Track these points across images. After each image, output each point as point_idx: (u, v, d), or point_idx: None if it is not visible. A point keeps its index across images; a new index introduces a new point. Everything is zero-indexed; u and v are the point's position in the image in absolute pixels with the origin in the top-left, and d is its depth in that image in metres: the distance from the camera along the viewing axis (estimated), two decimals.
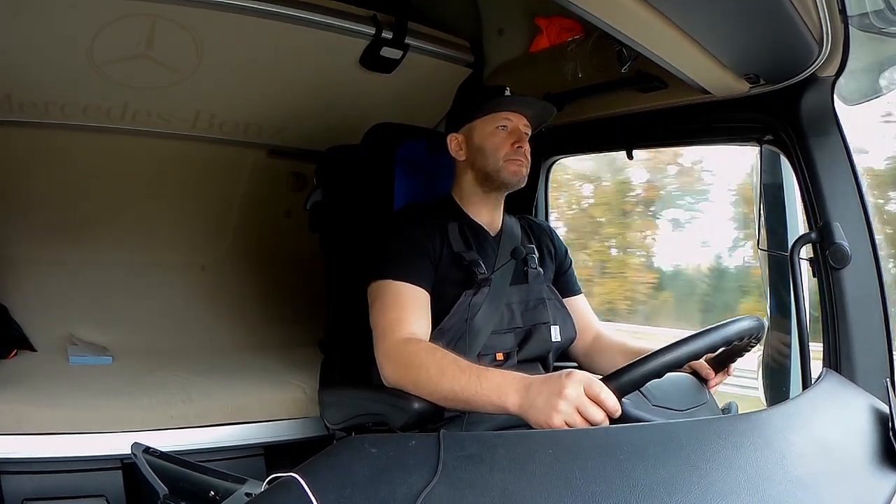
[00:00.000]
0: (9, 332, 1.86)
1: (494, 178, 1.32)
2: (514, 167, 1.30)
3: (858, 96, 1.28)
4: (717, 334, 0.94)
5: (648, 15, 0.95)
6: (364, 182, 1.49)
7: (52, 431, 1.42)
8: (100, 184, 2.03)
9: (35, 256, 2.01)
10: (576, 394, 0.86)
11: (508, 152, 1.30)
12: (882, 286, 1.17)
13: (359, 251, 1.36)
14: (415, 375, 1.08)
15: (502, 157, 1.30)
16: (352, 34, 1.71)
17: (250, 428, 1.65)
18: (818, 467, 0.77)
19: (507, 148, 1.30)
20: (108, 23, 1.50)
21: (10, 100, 1.70)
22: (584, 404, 0.86)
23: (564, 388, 0.87)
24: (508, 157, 1.30)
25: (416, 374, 1.08)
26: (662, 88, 1.44)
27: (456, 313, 1.24)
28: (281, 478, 0.59)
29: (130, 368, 1.81)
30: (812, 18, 1.00)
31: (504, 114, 1.32)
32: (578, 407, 0.86)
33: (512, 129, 1.32)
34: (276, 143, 2.14)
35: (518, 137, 1.31)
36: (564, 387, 0.87)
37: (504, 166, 1.30)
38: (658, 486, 0.64)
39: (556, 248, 1.47)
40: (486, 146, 1.32)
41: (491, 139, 1.31)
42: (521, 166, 1.31)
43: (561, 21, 1.74)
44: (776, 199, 1.44)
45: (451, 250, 1.27)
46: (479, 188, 1.35)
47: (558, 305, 1.37)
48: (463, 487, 0.60)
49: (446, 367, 1.04)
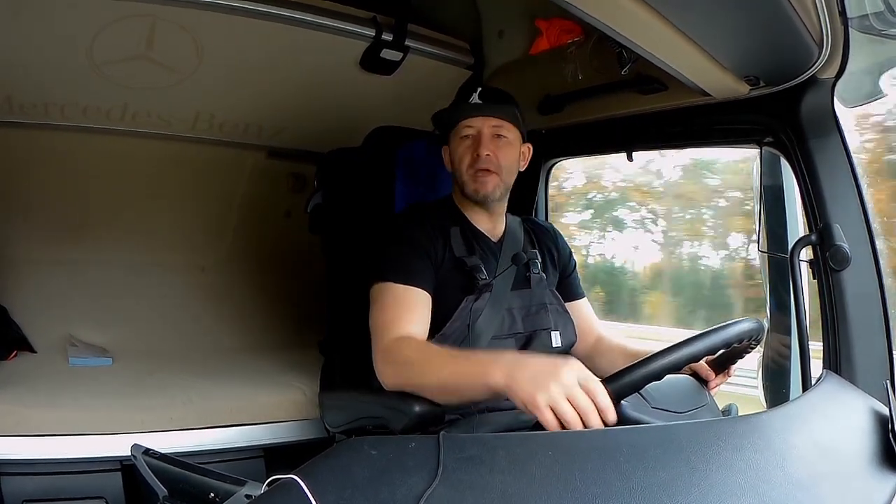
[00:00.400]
0: (8, 333, 1.86)
1: (469, 194, 1.29)
2: (475, 184, 1.26)
3: (858, 98, 1.29)
4: (717, 336, 0.94)
5: (648, 17, 0.95)
6: (365, 184, 1.49)
7: (51, 433, 1.42)
8: (100, 185, 2.04)
9: (35, 257, 2.01)
10: (569, 379, 0.81)
11: (470, 163, 1.27)
12: (882, 288, 1.17)
13: (359, 253, 1.36)
14: (406, 371, 1.08)
15: (465, 171, 1.27)
16: (352, 36, 1.71)
17: (250, 430, 1.65)
18: (818, 469, 0.77)
19: (469, 159, 1.27)
20: (107, 23, 1.50)
21: (11, 101, 1.70)
22: (574, 394, 0.80)
23: (559, 370, 0.82)
24: (470, 169, 1.27)
25: (407, 370, 1.07)
26: (662, 90, 1.44)
27: (457, 319, 1.23)
28: (281, 479, 0.59)
29: (130, 370, 1.81)
30: (812, 20, 1.00)
31: (465, 121, 1.28)
32: (569, 395, 0.80)
33: (474, 137, 1.27)
34: (276, 145, 2.14)
35: (478, 144, 1.26)
36: (559, 368, 0.82)
37: (467, 182, 1.27)
38: (658, 488, 0.64)
39: (560, 251, 1.46)
40: (454, 160, 1.30)
41: (457, 151, 1.29)
42: (482, 178, 1.26)
43: (561, 23, 1.74)
44: (776, 200, 1.44)
45: (452, 254, 1.26)
46: (466, 200, 1.33)
47: (560, 310, 1.36)
48: (463, 489, 0.60)
49: (434, 356, 1.04)
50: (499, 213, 1.37)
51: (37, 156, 1.91)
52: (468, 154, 1.27)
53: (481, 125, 1.27)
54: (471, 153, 1.26)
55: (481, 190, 1.27)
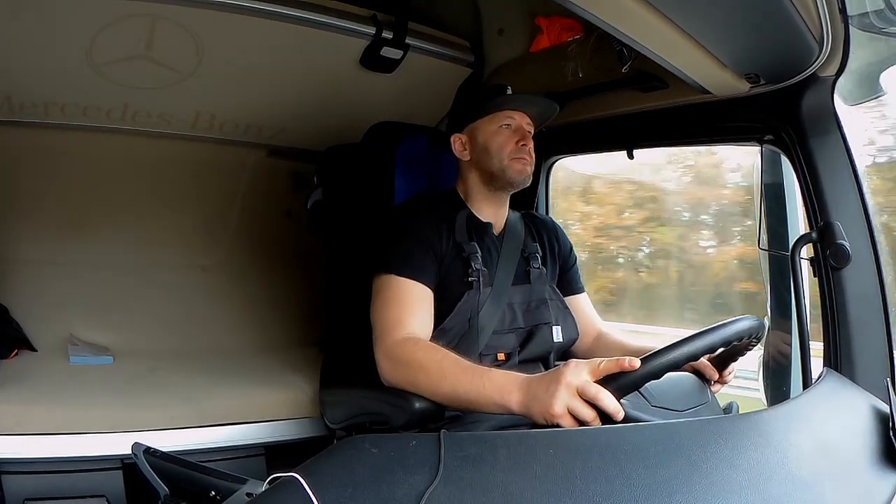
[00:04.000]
0: (9, 332, 1.86)
1: (500, 178, 1.32)
2: (519, 166, 1.30)
3: (859, 96, 1.29)
4: (717, 335, 0.94)
5: (648, 14, 0.95)
6: (364, 180, 1.49)
7: (52, 431, 1.42)
8: (100, 184, 2.04)
9: (35, 257, 2.01)
10: (575, 378, 0.85)
11: (513, 151, 1.30)
12: (882, 286, 1.17)
13: (359, 250, 1.36)
14: (414, 376, 1.08)
15: (507, 156, 1.30)
16: (352, 34, 1.71)
17: (251, 428, 1.65)
18: (819, 467, 0.77)
19: (512, 146, 1.30)
20: (107, 23, 1.50)
21: (10, 100, 1.70)
22: (583, 385, 0.84)
23: (563, 374, 0.86)
24: (513, 155, 1.30)
25: (415, 375, 1.07)
26: (663, 88, 1.44)
27: (458, 313, 1.23)
28: (282, 478, 0.59)
29: (131, 368, 1.81)
30: (812, 18, 1.00)
31: (507, 112, 1.32)
32: (579, 388, 0.84)
33: (516, 128, 1.32)
34: (277, 144, 2.14)
35: (522, 136, 1.31)
36: (563, 374, 0.86)
37: (509, 165, 1.30)
38: (659, 486, 0.64)
39: (561, 246, 1.46)
40: (491, 145, 1.31)
41: (495, 138, 1.31)
42: (525, 164, 1.31)
43: (561, 21, 1.74)
44: (777, 198, 1.44)
45: (455, 241, 1.28)
46: (484, 187, 1.35)
47: (560, 306, 1.37)
48: (464, 487, 0.60)
49: (447, 368, 1.04)
50: (506, 205, 1.39)
51: (37, 156, 1.91)
52: (510, 142, 1.31)
53: (520, 119, 1.33)
54: (513, 142, 1.30)
55: (524, 171, 1.31)
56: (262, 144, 2.13)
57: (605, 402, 0.83)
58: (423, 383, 1.06)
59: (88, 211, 2.06)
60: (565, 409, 0.84)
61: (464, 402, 1.02)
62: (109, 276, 2.11)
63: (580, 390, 0.84)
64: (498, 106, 1.32)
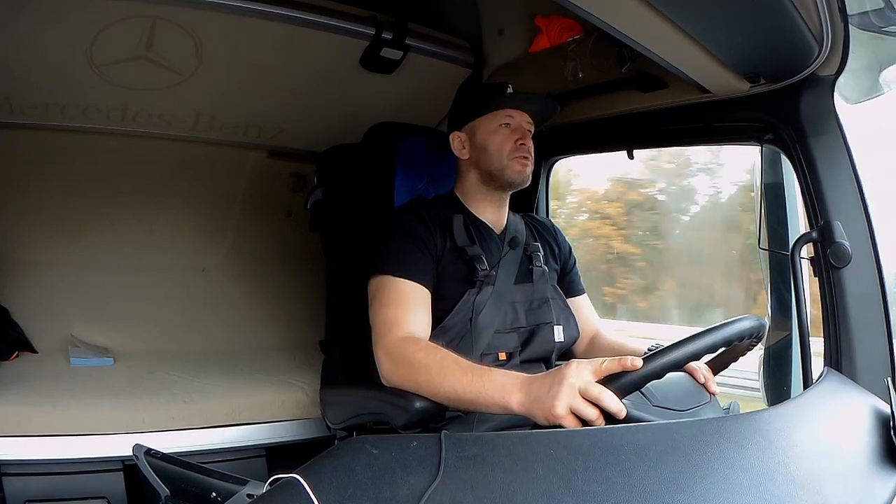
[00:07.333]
0: (10, 333, 1.86)
1: (499, 177, 1.31)
2: (518, 166, 1.30)
3: (859, 95, 1.28)
4: (718, 334, 0.94)
5: (648, 14, 0.95)
6: (365, 180, 1.49)
7: (53, 433, 1.43)
8: (100, 185, 2.04)
9: (35, 258, 2.02)
10: (578, 378, 0.85)
11: (512, 150, 1.29)
12: (883, 285, 1.17)
13: (359, 250, 1.36)
14: (415, 375, 1.07)
15: (506, 156, 1.30)
16: (352, 35, 1.71)
17: (252, 429, 1.65)
18: (820, 467, 0.77)
19: (511, 146, 1.30)
20: (108, 24, 1.50)
21: (11, 101, 1.70)
22: (585, 386, 0.84)
23: (566, 375, 0.86)
24: (512, 155, 1.29)
25: (416, 375, 1.07)
26: (663, 88, 1.44)
27: (459, 312, 1.23)
28: (282, 479, 0.59)
29: (132, 370, 1.81)
30: (812, 17, 1.00)
31: (507, 111, 1.32)
32: (581, 388, 0.84)
33: (515, 127, 1.31)
34: (277, 145, 2.15)
35: (521, 135, 1.30)
36: (565, 374, 0.86)
37: (508, 164, 1.30)
38: (659, 486, 0.64)
39: (561, 248, 1.46)
40: (490, 144, 1.31)
41: (494, 137, 1.31)
42: (525, 164, 1.30)
43: (561, 21, 1.73)
44: (777, 198, 1.44)
45: (454, 244, 1.27)
46: (483, 187, 1.35)
47: (562, 305, 1.37)
48: (464, 488, 0.60)
49: (447, 367, 1.04)
50: (506, 205, 1.39)
51: (37, 156, 1.91)
52: (510, 141, 1.30)
53: (520, 118, 1.32)
54: (512, 140, 1.30)
55: (523, 171, 1.31)
56: (262, 145, 2.14)
57: (609, 402, 0.83)
58: (424, 383, 1.06)
59: (89, 213, 2.07)
60: (568, 410, 0.84)
61: (464, 401, 1.01)
62: (110, 277, 2.11)
63: (583, 391, 0.84)
64: (497, 104, 1.32)
